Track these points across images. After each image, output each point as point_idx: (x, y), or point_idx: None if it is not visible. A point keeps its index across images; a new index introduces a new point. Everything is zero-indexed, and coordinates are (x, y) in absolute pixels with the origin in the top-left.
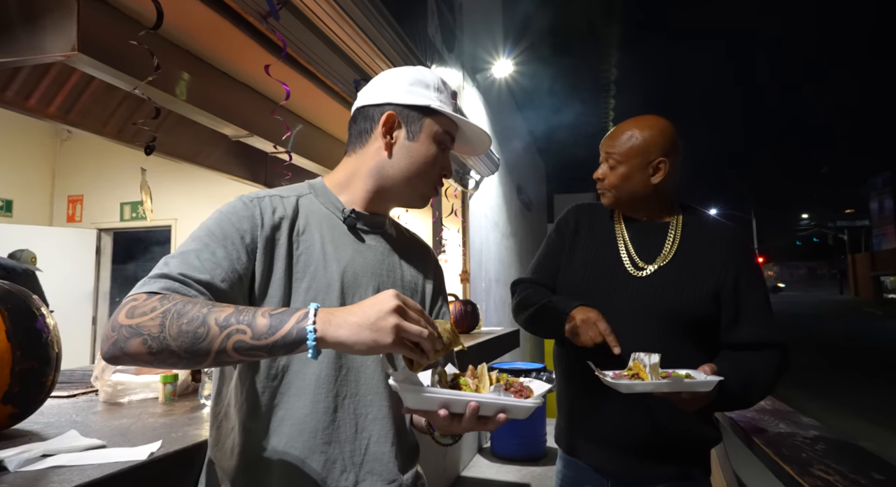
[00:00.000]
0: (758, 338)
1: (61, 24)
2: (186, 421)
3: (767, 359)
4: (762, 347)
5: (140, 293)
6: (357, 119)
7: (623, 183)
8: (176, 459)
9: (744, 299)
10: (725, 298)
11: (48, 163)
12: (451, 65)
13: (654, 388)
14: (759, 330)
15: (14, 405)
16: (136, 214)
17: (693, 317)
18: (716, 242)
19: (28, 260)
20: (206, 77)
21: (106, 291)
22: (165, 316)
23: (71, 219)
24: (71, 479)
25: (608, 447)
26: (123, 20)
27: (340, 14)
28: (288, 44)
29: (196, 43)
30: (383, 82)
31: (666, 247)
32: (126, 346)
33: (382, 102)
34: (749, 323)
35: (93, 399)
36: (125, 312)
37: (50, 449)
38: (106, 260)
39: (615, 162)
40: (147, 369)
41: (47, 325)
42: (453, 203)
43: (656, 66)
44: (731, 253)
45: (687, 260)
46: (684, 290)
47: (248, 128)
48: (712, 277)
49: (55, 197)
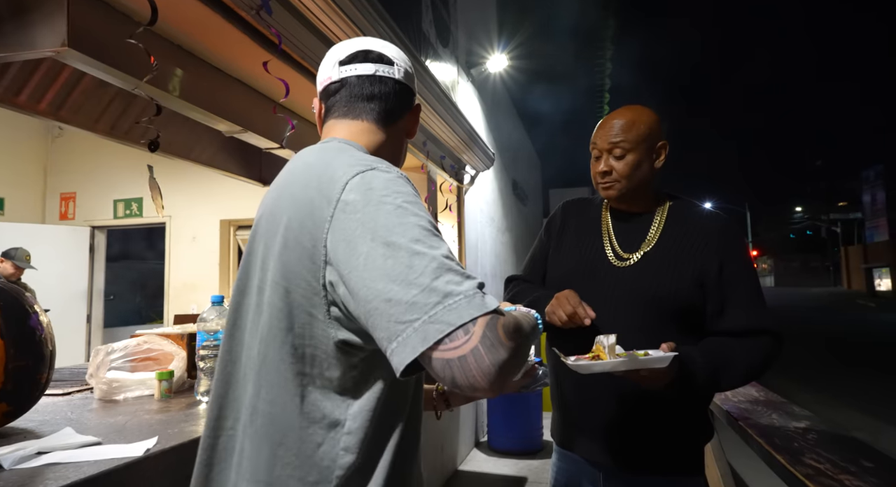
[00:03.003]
0: (743, 326)
1: (51, 19)
2: (183, 418)
3: (750, 346)
4: (748, 334)
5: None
6: (402, 95)
7: (634, 171)
8: (172, 455)
9: (729, 287)
10: (710, 286)
11: (40, 161)
12: (445, 59)
13: (611, 367)
14: (745, 317)
15: (8, 403)
16: (130, 211)
17: (677, 305)
18: (702, 230)
19: (23, 258)
20: (198, 73)
21: (100, 289)
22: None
23: (64, 217)
24: (66, 476)
25: (600, 440)
26: (114, 15)
27: (332, 7)
28: (283, 40)
29: (188, 38)
30: (406, 61)
31: (650, 235)
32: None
33: (411, 86)
34: (734, 310)
35: (88, 396)
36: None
37: (45, 447)
38: (100, 258)
39: (623, 150)
40: (143, 366)
41: (41, 323)
42: (448, 198)
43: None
44: (716, 241)
45: (671, 248)
46: (667, 278)
47: (243, 125)
48: (696, 264)
49: (47, 194)
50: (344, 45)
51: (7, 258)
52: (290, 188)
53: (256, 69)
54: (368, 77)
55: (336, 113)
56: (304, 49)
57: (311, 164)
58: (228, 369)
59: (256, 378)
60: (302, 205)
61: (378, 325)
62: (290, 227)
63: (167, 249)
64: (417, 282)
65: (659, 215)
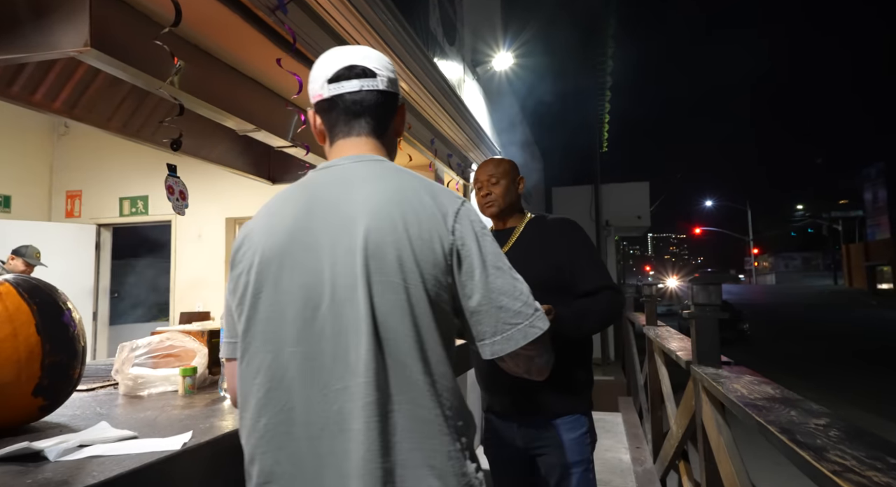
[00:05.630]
0: (590, 287)
1: (73, 19)
2: (210, 413)
3: (598, 299)
4: (596, 292)
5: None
6: (387, 103)
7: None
8: (207, 449)
9: (576, 265)
10: (564, 266)
11: (46, 159)
12: (451, 58)
13: None
14: (590, 281)
15: (44, 397)
16: (136, 209)
17: (541, 284)
18: (551, 230)
19: (33, 255)
20: (212, 71)
21: (106, 287)
22: None
23: (70, 215)
24: (111, 469)
25: (498, 393)
26: (135, 16)
27: (346, 5)
28: (297, 39)
29: (205, 37)
30: (388, 67)
31: (512, 240)
32: None
33: (394, 91)
34: (582, 278)
35: (111, 392)
36: None
37: (86, 440)
38: (106, 256)
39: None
40: (164, 363)
41: (73, 319)
42: None
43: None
44: (561, 234)
45: (528, 247)
46: (528, 266)
47: (255, 123)
48: (551, 254)
49: (53, 192)
50: (330, 60)
51: (18, 255)
52: (373, 206)
53: (270, 68)
54: (355, 93)
55: (340, 132)
56: (316, 47)
57: (402, 188)
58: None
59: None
60: (418, 227)
61: (486, 322)
62: (408, 244)
63: (173, 247)
64: (521, 298)
65: (520, 225)
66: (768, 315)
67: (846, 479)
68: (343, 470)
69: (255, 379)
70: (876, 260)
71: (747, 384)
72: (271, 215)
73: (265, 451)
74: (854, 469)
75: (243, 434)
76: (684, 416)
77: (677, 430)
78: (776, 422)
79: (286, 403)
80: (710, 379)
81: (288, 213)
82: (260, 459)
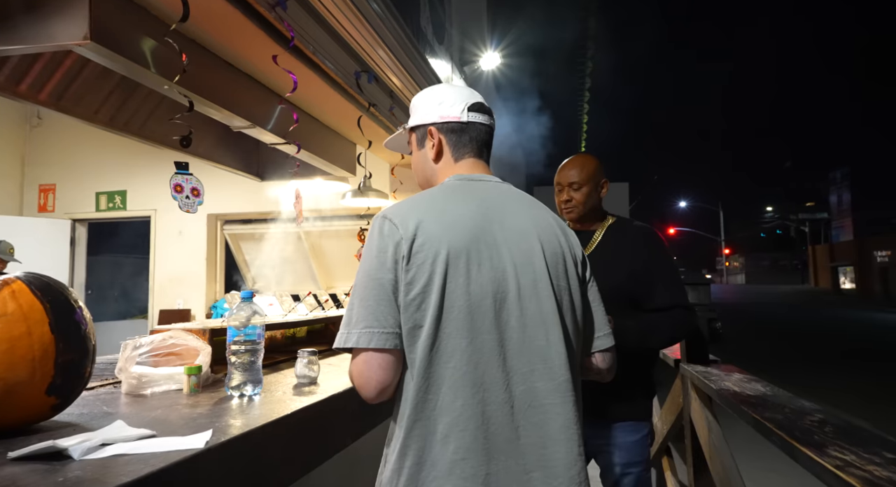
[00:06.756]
0: (664, 303)
1: (71, 12)
2: (221, 412)
3: (671, 315)
4: (668, 309)
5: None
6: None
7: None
8: (228, 447)
9: (655, 277)
10: (640, 277)
11: (17, 151)
12: (440, 56)
13: None
14: (665, 298)
15: (57, 396)
16: (114, 204)
17: (617, 290)
18: (636, 237)
19: (6, 251)
20: (210, 67)
21: (81, 283)
22: None
23: (43, 209)
24: (139, 468)
25: None
26: (135, 10)
27: (347, 4)
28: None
29: (203, 32)
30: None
31: (593, 244)
32: None
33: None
34: (658, 292)
35: (113, 391)
36: None
37: (107, 439)
38: (81, 252)
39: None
40: (165, 361)
41: (84, 318)
42: None
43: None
44: (644, 244)
45: (606, 252)
46: (608, 272)
47: (250, 119)
48: (631, 261)
49: (25, 186)
50: (462, 91)
51: None
52: (538, 222)
53: (267, 65)
54: (486, 125)
55: (468, 152)
56: (315, 44)
57: (549, 215)
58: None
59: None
60: (570, 248)
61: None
62: (571, 258)
63: (152, 243)
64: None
65: (601, 230)
66: (739, 314)
67: (850, 474)
68: (543, 440)
69: (449, 362)
70: (840, 262)
71: (738, 381)
72: (442, 212)
73: (463, 429)
74: (855, 464)
75: (430, 415)
76: (670, 413)
77: (662, 427)
78: (773, 419)
79: (482, 384)
80: (701, 377)
81: (465, 214)
82: (457, 436)
